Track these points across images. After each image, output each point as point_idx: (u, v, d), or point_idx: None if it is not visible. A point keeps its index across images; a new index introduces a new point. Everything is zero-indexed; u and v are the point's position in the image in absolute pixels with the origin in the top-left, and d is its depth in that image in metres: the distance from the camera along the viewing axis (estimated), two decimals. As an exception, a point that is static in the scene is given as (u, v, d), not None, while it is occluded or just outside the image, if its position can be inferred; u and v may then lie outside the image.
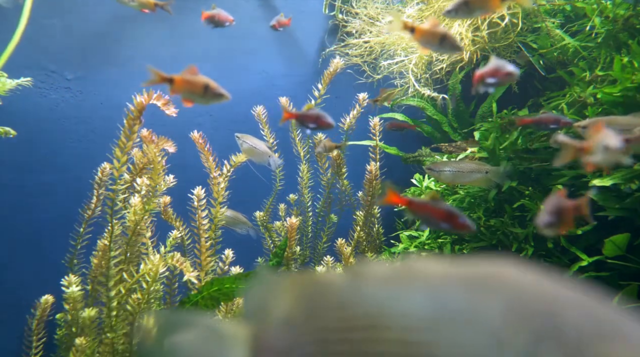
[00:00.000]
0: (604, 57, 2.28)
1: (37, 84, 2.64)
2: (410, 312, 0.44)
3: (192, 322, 0.55)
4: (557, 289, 0.42)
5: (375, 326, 0.45)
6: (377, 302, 0.46)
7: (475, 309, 0.42)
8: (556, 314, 0.40)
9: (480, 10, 1.67)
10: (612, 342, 0.38)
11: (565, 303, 0.41)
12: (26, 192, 2.63)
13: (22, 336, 2.06)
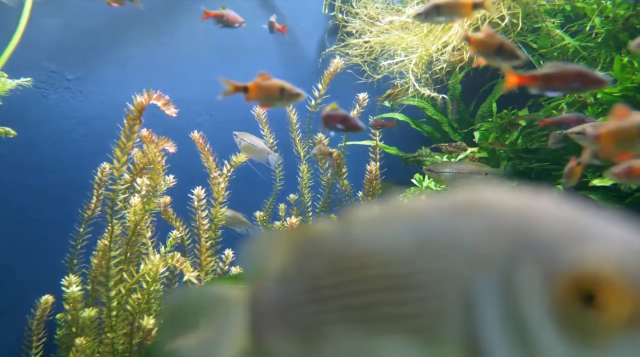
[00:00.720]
0: (604, 57, 2.28)
1: (37, 84, 2.64)
2: (394, 246, 0.45)
3: (199, 292, 0.58)
4: (535, 204, 0.42)
5: (362, 265, 0.46)
6: (364, 242, 0.47)
7: (454, 232, 0.42)
8: (532, 226, 0.40)
9: (450, 15, 1.65)
10: (587, 243, 0.38)
11: (541, 215, 0.41)
12: (26, 192, 2.63)
13: (22, 336, 2.06)
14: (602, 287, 0.37)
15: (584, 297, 0.37)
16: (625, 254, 0.37)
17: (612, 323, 0.37)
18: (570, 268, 0.38)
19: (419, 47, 2.77)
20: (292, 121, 2.65)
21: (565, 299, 0.38)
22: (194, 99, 2.94)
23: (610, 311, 0.37)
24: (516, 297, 0.39)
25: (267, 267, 0.56)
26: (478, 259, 0.41)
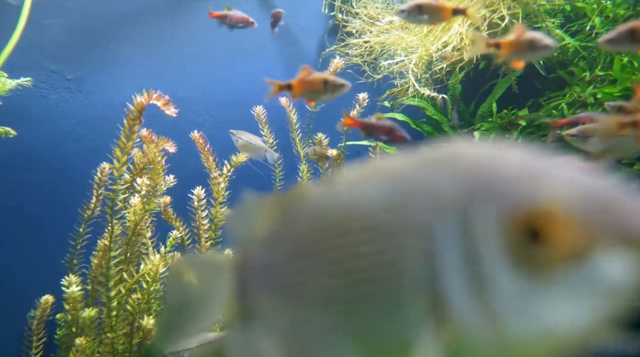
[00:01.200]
0: (604, 57, 2.28)
1: (37, 84, 2.64)
2: (368, 201, 0.47)
3: (194, 260, 0.62)
4: (495, 152, 0.44)
5: (339, 222, 0.49)
6: (341, 200, 0.50)
7: (420, 182, 0.45)
8: (489, 171, 0.42)
9: (431, 17, 1.65)
10: (537, 183, 0.40)
11: (498, 161, 0.43)
12: (26, 192, 2.63)
13: (22, 336, 2.06)
14: (547, 223, 0.39)
15: (532, 234, 0.39)
16: (570, 192, 0.39)
17: (557, 257, 0.39)
18: (518, 206, 0.40)
19: (419, 47, 2.77)
20: (292, 121, 2.65)
21: (515, 237, 0.40)
22: (193, 98, 2.94)
23: (555, 245, 0.39)
24: (473, 239, 0.41)
25: (254, 231, 0.58)
26: (439, 206, 0.43)
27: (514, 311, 0.40)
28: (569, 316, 0.39)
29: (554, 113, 2.34)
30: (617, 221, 0.38)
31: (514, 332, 0.40)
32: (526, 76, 2.71)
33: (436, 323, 0.42)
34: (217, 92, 3.00)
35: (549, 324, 0.39)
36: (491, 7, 2.53)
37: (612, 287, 0.38)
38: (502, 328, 0.40)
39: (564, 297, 0.39)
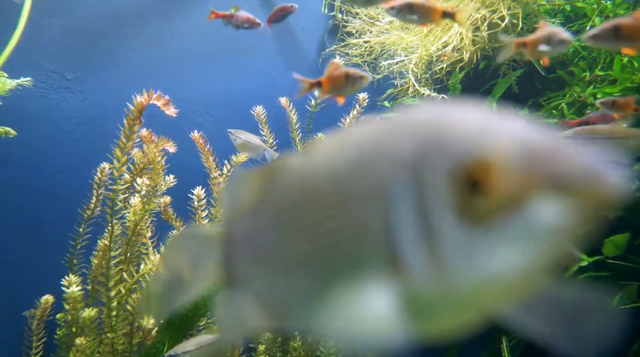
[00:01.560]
0: (604, 57, 2.28)
1: (37, 84, 2.63)
2: (338, 167, 0.50)
3: (188, 232, 0.67)
4: (451, 112, 0.47)
5: (314, 189, 0.52)
6: (316, 169, 0.53)
7: (381, 145, 0.48)
8: (442, 130, 0.45)
9: (420, 18, 1.65)
10: (481, 137, 0.43)
11: (452, 120, 0.45)
12: (26, 192, 2.63)
13: (22, 336, 2.06)
14: (486, 173, 0.41)
15: (473, 184, 0.42)
16: (509, 144, 0.41)
17: (496, 205, 0.41)
18: (461, 159, 0.42)
19: (419, 47, 2.77)
20: (292, 121, 2.65)
21: (458, 188, 0.42)
22: (193, 98, 2.94)
23: (494, 194, 0.41)
24: (423, 193, 0.44)
25: (239, 204, 0.61)
26: (395, 164, 0.46)
27: (460, 259, 0.42)
28: (509, 261, 0.41)
29: (554, 113, 2.34)
30: (550, 169, 0.40)
31: (461, 280, 0.42)
32: (526, 76, 2.71)
33: (394, 276, 0.45)
34: (217, 92, 3.00)
35: (492, 270, 0.41)
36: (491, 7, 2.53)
37: (548, 232, 0.40)
38: (450, 276, 0.43)
39: (504, 243, 0.41)
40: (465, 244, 0.42)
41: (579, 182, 0.40)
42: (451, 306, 0.46)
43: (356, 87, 1.68)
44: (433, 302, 0.46)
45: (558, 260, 0.43)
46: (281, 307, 0.55)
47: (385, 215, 0.45)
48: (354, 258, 0.47)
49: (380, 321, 0.46)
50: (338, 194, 0.49)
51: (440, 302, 0.45)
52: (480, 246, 0.42)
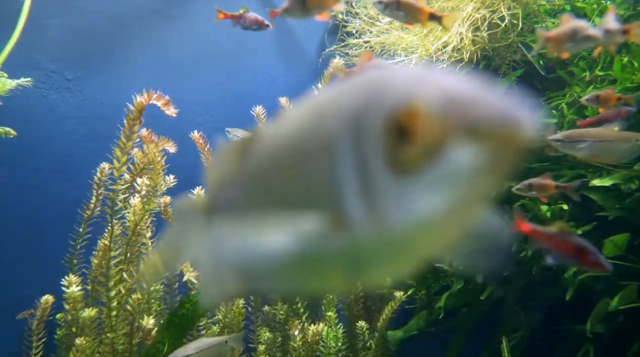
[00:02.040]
0: (604, 57, 2.28)
1: (37, 84, 2.63)
2: (298, 129, 0.54)
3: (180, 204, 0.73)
4: (395, 70, 0.49)
5: (278, 153, 0.56)
6: (281, 134, 0.57)
7: (334, 105, 0.51)
8: (383, 86, 0.47)
9: (407, 16, 1.63)
10: (413, 90, 0.45)
11: (394, 77, 0.48)
12: (26, 192, 2.62)
13: (22, 336, 2.06)
14: (411, 121, 0.44)
15: (401, 133, 0.44)
16: (432, 93, 0.43)
17: (421, 152, 0.44)
18: (392, 108, 0.45)
19: (419, 47, 2.77)
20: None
21: (389, 137, 0.45)
22: (193, 99, 2.94)
23: (418, 141, 0.44)
24: (362, 144, 0.46)
25: (223, 174, 0.67)
26: (342, 119, 0.49)
27: (392, 206, 0.45)
28: (436, 205, 0.44)
29: (554, 113, 2.34)
30: (467, 115, 0.42)
31: (395, 226, 0.45)
32: (526, 76, 2.71)
33: (339, 227, 0.48)
34: (217, 92, 3.00)
35: (421, 215, 0.44)
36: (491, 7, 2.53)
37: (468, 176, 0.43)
38: (385, 223, 0.45)
39: (431, 189, 0.44)
40: (397, 191, 0.44)
41: (493, 126, 0.42)
42: (389, 253, 0.48)
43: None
44: (373, 250, 0.48)
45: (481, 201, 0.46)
46: (253, 266, 0.59)
47: (331, 169, 0.48)
48: (309, 213, 0.50)
49: (327, 269, 0.51)
50: (296, 155, 0.53)
51: (379, 249, 0.48)
52: (410, 192, 0.44)
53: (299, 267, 0.54)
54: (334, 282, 0.56)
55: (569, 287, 2.04)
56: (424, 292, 2.52)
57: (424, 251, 0.51)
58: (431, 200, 0.44)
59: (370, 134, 0.46)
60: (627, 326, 1.98)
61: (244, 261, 0.57)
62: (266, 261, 0.55)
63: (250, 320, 2.29)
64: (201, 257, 0.66)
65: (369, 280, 0.55)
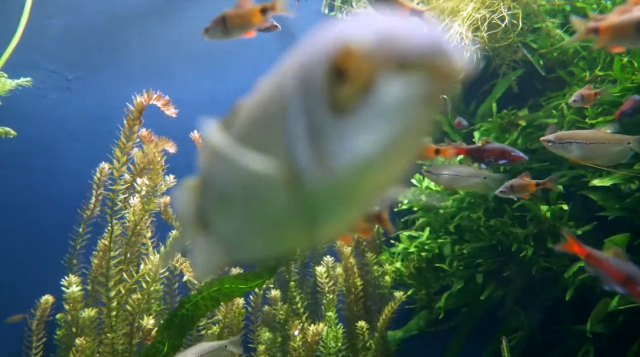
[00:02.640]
0: (603, 57, 2.28)
1: (37, 84, 2.63)
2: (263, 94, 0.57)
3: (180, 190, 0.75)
4: (349, 22, 0.49)
5: (249, 122, 0.59)
6: (252, 101, 0.60)
7: (291, 63, 0.54)
8: (328, 34, 0.48)
9: (389, 9, 1.63)
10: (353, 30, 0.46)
11: (339, 25, 0.49)
12: (26, 192, 2.63)
13: (22, 336, 2.06)
14: (345, 60, 0.45)
15: (338, 74, 0.45)
16: (365, 32, 0.45)
17: (355, 89, 0.45)
18: (330, 50, 0.46)
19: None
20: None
21: (329, 80, 0.46)
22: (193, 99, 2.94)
23: (352, 79, 0.44)
24: (309, 94, 0.48)
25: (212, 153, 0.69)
26: (296, 75, 0.50)
27: (335, 147, 0.46)
28: (373, 141, 0.45)
29: (554, 113, 2.34)
30: (395, 49, 0.43)
31: (339, 167, 0.47)
32: (526, 76, 2.71)
33: (291, 179, 0.50)
34: (217, 92, 3.00)
35: (361, 152, 0.45)
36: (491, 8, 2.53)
37: (401, 108, 0.44)
38: (331, 165, 0.47)
39: (367, 125, 0.45)
40: (339, 133, 0.46)
41: (420, 57, 0.43)
42: (339, 198, 0.50)
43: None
44: (324, 197, 0.50)
45: (419, 134, 0.47)
46: (234, 242, 0.65)
47: (285, 123, 0.50)
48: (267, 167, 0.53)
49: (287, 223, 0.54)
50: (261, 116, 0.55)
51: (329, 195, 0.49)
52: (350, 132, 0.46)
53: (262, 223, 0.58)
54: (295, 237, 0.58)
55: (569, 287, 2.04)
56: (424, 292, 2.52)
57: (370, 194, 0.52)
58: (370, 136, 0.45)
59: (313, 82, 0.47)
60: (627, 326, 1.98)
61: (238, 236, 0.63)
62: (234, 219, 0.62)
63: (250, 320, 2.29)
64: (196, 244, 0.71)
65: (327, 232, 0.56)
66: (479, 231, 2.29)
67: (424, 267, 2.49)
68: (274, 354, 2.23)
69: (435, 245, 2.45)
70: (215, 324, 2.11)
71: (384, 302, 2.43)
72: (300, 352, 2.05)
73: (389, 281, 2.47)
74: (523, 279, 2.30)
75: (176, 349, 1.68)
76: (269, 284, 2.31)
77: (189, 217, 0.71)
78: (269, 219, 0.56)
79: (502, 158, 1.67)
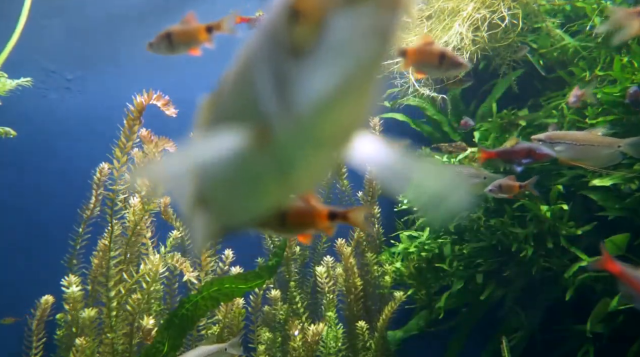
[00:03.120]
0: (603, 57, 2.28)
1: (37, 84, 2.63)
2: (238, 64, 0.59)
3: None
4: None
5: (226, 93, 0.62)
6: (230, 72, 0.62)
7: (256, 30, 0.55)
8: None
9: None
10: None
11: None
12: (26, 192, 2.63)
13: (22, 336, 2.06)
14: (299, 2, 0.46)
15: (295, 16, 0.46)
16: None
17: (309, 28, 0.45)
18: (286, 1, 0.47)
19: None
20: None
21: (287, 24, 0.47)
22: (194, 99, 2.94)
23: (307, 19, 0.45)
24: (272, 42, 0.49)
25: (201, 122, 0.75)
26: (260, 36, 0.52)
27: (298, 90, 0.47)
28: (333, 77, 0.46)
29: (554, 113, 2.34)
30: None
31: (303, 108, 0.47)
32: (526, 76, 2.71)
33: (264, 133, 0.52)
34: (217, 92, 3.00)
35: (322, 90, 0.46)
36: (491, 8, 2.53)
37: (353, 41, 0.45)
38: (295, 108, 0.48)
39: (323, 63, 0.46)
40: (299, 75, 0.47)
41: None
42: (307, 140, 0.51)
43: (448, 73, 1.46)
44: (295, 144, 0.51)
45: (374, 68, 0.49)
46: (228, 205, 0.69)
47: (254, 76, 0.52)
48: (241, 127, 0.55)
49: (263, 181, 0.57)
50: (239, 79, 0.57)
51: (298, 140, 0.51)
52: (310, 71, 0.46)
53: (247, 187, 0.61)
54: (277, 192, 0.61)
55: (569, 287, 2.04)
56: (424, 292, 2.52)
57: (337, 136, 0.53)
58: (327, 73, 0.46)
59: (274, 29, 0.49)
60: (627, 326, 1.98)
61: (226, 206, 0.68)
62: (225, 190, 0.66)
63: (250, 320, 2.29)
64: (194, 217, 0.76)
65: (303, 181, 0.58)
66: (479, 231, 2.29)
67: (424, 267, 2.49)
68: (274, 354, 2.23)
69: (435, 245, 2.45)
70: (215, 324, 2.11)
71: (384, 302, 2.43)
72: (300, 352, 2.05)
73: (389, 281, 2.47)
74: (523, 279, 2.30)
75: (176, 349, 1.68)
76: (269, 284, 2.31)
77: (190, 197, 0.75)
78: (253, 181, 0.60)
79: (528, 157, 1.66)
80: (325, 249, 2.61)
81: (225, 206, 0.70)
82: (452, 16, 2.54)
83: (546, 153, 1.64)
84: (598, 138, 1.71)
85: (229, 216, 0.72)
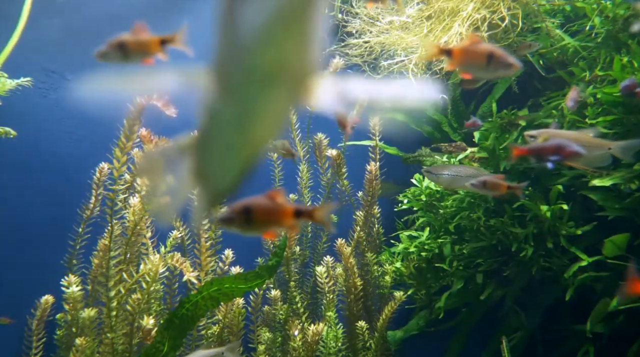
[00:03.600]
0: (603, 57, 2.28)
1: (37, 84, 2.63)
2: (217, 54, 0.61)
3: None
4: None
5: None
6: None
7: None
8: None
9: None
10: None
11: None
12: (26, 192, 2.63)
13: (22, 336, 2.06)
14: None
15: None
16: None
17: None
18: None
19: (419, 47, 2.77)
20: (292, 121, 2.65)
21: None
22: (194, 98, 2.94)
23: None
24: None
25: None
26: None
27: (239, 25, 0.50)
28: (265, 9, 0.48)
29: (554, 113, 2.34)
30: None
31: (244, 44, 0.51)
32: (526, 76, 2.71)
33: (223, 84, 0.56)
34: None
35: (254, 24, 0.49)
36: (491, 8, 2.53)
37: None
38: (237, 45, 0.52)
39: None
40: (239, 9, 0.50)
41: None
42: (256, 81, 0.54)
43: (497, 74, 1.38)
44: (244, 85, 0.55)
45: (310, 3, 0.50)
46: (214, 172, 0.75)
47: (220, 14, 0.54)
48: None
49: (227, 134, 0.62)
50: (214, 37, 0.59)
51: (246, 80, 0.54)
52: (248, 5, 0.49)
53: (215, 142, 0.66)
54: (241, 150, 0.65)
55: (569, 287, 2.04)
56: (424, 292, 2.52)
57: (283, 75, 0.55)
58: (262, 4, 0.48)
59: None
60: (627, 326, 1.98)
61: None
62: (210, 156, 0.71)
63: (250, 320, 2.29)
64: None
65: (261, 134, 0.62)
66: (479, 231, 2.29)
67: (424, 267, 2.49)
68: (274, 354, 2.23)
69: (435, 245, 2.45)
70: (215, 324, 2.11)
71: (384, 302, 2.43)
72: (300, 352, 2.05)
73: (389, 281, 2.47)
74: (523, 279, 2.30)
75: (176, 349, 1.68)
76: (269, 284, 2.31)
77: (189, 172, 0.80)
78: (223, 137, 0.65)
79: (557, 154, 1.64)
80: (325, 249, 2.61)
81: (210, 171, 0.76)
82: (451, 16, 2.54)
83: (575, 151, 1.61)
84: (589, 139, 1.71)
85: (215, 182, 0.77)
